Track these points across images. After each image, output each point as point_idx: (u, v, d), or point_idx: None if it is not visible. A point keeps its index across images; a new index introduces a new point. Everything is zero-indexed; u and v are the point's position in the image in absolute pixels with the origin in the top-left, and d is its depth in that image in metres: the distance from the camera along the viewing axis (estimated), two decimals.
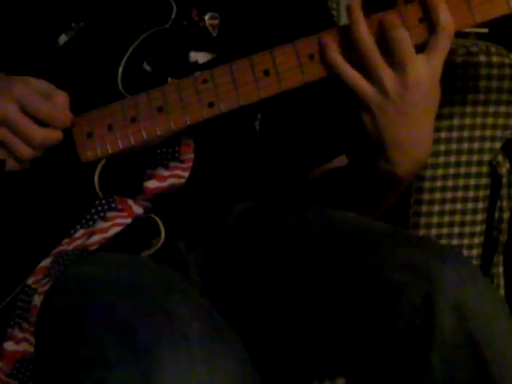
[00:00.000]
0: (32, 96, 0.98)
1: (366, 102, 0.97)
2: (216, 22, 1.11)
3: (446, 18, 0.94)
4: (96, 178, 1.01)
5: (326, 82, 1.01)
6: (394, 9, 0.97)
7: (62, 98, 0.99)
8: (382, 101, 0.96)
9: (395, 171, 1.02)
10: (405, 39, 0.94)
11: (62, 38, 1.06)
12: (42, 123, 0.99)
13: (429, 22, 0.96)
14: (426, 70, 0.95)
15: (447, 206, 1.36)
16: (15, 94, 0.97)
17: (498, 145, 1.37)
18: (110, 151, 1.01)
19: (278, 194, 1.24)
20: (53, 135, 0.99)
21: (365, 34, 0.95)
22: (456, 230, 1.37)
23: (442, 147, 1.34)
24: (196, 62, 1.10)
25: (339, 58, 0.97)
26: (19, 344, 0.98)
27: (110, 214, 1.01)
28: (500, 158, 1.37)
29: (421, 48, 0.96)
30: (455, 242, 1.37)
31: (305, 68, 0.99)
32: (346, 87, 0.98)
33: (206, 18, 1.10)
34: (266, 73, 0.99)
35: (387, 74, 0.95)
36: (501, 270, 1.41)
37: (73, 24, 1.06)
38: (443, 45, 0.95)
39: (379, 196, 1.10)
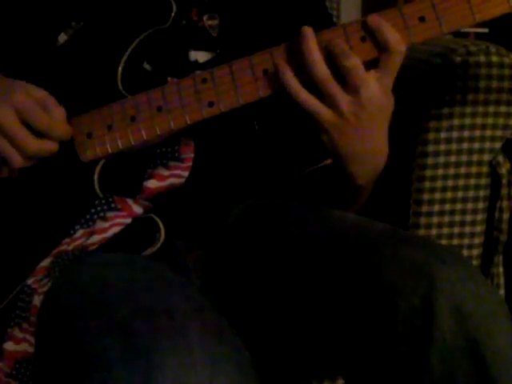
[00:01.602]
0: (32, 106, 0.98)
1: (323, 124, 0.98)
2: (215, 22, 1.11)
3: (394, 37, 0.95)
4: (96, 177, 1.01)
5: None
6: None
7: (60, 111, 1.00)
8: (338, 121, 0.98)
9: (354, 181, 1.05)
10: (356, 67, 0.95)
11: (62, 37, 1.06)
12: (38, 134, 0.99)
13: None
14: (378, 88, 0.96)
15: (447, 206, 1.36)
16: (15, 102, 0.97)
17: (498, 145, 1.36)
18: (109, 151, 1.01)
19: (278, 194, 1.24)
20: (48, 147, 1.00)
21: (319, 63, 0.96)
22: (456, 230, 1.37)
23: (442, 147, 1.34)
24: (196, 61, 1.10)
25: (293, 81, 0.97)
26: (19, 344, 0.98)
27: (109, 214, 1.01)
28: (500, 158, 1.37)
29: (370, 64, 0.96)
30: (455, 242, 1.37)
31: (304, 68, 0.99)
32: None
33: (205, 18, 1.11)
34: (266, 72, 0.99)
35: (342, 99, 0.96)
36: (501, 269, 1.40)
37: (73, 23, 1.06)
38: (395, 63, 0.96)
39: (348, 196, 1.12)
